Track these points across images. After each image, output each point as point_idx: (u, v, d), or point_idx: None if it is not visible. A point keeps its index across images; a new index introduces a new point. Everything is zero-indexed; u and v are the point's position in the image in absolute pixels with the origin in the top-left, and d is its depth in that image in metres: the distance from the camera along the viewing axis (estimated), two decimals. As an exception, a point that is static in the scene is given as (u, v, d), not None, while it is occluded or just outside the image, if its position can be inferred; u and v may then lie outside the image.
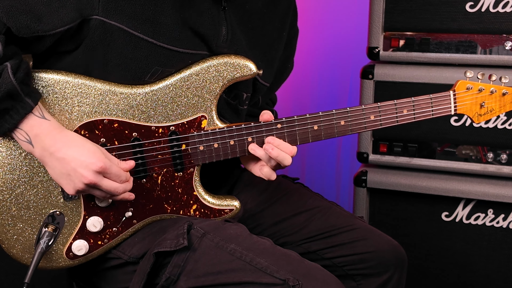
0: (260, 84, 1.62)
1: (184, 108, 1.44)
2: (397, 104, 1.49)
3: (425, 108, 1.50)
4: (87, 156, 1.32)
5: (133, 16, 1.36)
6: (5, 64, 1.28)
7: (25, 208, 1.41)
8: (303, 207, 1.66)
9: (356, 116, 1.47)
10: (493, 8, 2.00)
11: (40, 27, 1.31)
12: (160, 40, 1.39)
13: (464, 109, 1.54)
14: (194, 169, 1.47)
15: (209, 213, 1.50)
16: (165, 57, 1.40)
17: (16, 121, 1.31)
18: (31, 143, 1.33)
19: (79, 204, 1.43)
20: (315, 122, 1.46)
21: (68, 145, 1.33)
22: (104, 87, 1.40)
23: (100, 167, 1.32)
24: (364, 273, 1.59)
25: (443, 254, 2.18)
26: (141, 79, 1.41)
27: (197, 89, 1.44)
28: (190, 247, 1.36)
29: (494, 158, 2.09)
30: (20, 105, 1.30)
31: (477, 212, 2.12)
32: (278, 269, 1.31)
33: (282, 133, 1.46)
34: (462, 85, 1.52)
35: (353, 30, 2.77)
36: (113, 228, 1.46)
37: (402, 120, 1.50)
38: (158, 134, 1.44)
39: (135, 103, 1.42)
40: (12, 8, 1.28)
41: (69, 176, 1.32)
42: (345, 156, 2.98)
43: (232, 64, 1.45)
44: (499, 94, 1.54)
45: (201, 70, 1.44)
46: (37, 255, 1.38)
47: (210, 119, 1.46)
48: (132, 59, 1.38)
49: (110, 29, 1.35)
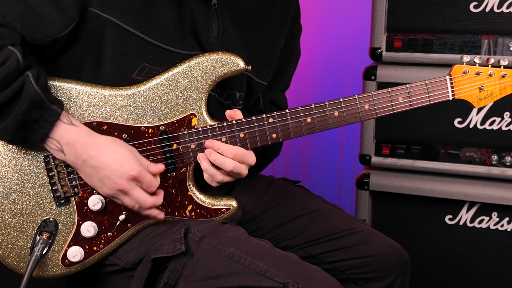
0: (256, 82, 1.60)
1: (173, 107, 1.44)
2: (391, 91, 1.47)
3: (421, 94, 1.48)
4: (120, 163, 1.33)
5: (126, 11, 1.36)
6: (26, 74, 1.28)
7: (18, 215, 1.41)
8: (305, 210, 1.66)
9: (350, 106, 1.46)
10: (498, 8, 1.99)
11: (51, 31, 1.31)
12: (151, 37, 1.39)
13: (462, 94, 1.51)
14: (187, 169, 1.46)
15: (205, 213, 1.48)
16: (154, 54, 1.40)
17: (47, 130, 1.32)
18: (63, 151, 1.34)
19: (72, 209, 1.43)
20: (308, 115, 1.45)
21: (101, 152, 1.34)
22: (92, 90, 1.40)
23: (133, 176, 1.34)
24: (367, 277, 1.58)
25: (446, 257, 2.17)
26: (128, 75, 1.40)
27: (185, 87, 1.44)
28: (188, 251, 1.35)
29: (499, 161, 2.08)
30: (48, 113, 1.31)
31: (481, 215, 2.11)
32: (278, 272, 1.30)
33: (275, 127, 1.45)
34: (459, 69, 1.50)
35: (355, 30, 2.77)
36: (108, 233, 1.45)
37: (398, 108, 1.48)
38: (148, 134, 1.43)
39: (123, 104, 1.41)
40: (24, 15, 1.28)
41: (102, 182, 1.35)
42: (347, 158, 2.98)
43: (219, 60, 1.44)
44: (498, 76, 1.51)
45: (188, 68, 1.44)
46: (31, 263, 1.37)
47: (200, 117, 1.45)
48: (122, 53, 1.38)
49: (104, 22, 1.35)
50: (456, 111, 2.07)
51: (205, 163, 1.42)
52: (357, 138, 2.25)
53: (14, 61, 1.26)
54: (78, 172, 1.37)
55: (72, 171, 1.40)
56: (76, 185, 1.41)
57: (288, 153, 3.04)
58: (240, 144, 1.44)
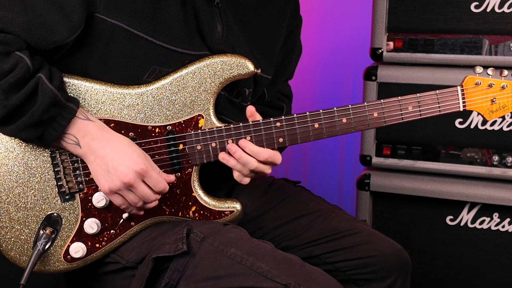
0: (260, 77, 1.60)
1: (181, 107, 1.44)
2: (401, 100, 1.46)
3: (432, 104, 1.46)
4: (130, 156, 1.34)
5: (133, 14, 1.36)
6: (38, 76, 1.30)
7: (22, 209, 1.41)
8: (305, 211, 1.66)
9: (359, 113, 1.45)
10: (499, 8, 1.99)
11: (56, 38, 1.32)
12: (159, 39, 1.39)
13: (473, 106, 1.49)
14: (193, 170, 1.46)
15: (209, 215, 1.48)
16: (163, 56, 1.40)
17: (64, 127, 1.33)
18: (79, 144, 1.35)
19: (76, 205, 1.43)
20: (315, 120, 1.44)
21: (114, 145, 1.35)
22: (100, 87, 1.40)
23: (141, 169, 1.33)
24: (368, 277, 1.58)
25: (447, 258, 2.17)
26: (139, 78, 1.41)
27: (194, 88, 1.44)
28: (190, 251, 1.35)
29: (500, 161, 2.07)
30: (65, 111, 1.32)
31: (482, 216, 2.11)
32: (279, 273, 1.30)
33: (282, 132, 1.44)
34: (471, 80, 1.49)
35: (356, 30, 2.77)
36: (110, 231, 1.45)
37: (407, 118, 1.46)
38: (154, 134, 1.43)
39: (131, 103, 1.42)
40: (29, 24, 1.28)
41: (108, 173, 1.34)
42: (348, 159, 2.98)
43: (229, 63, 1.44)
44: (510, 89, 1.50)
45: (197, 69, 1.44)
46: (34, 256, 1.37)
47: (208, 118, 1.45)
48: (131, 58, 1.38)
49: (110, 27, 1.35)
50: (457, 112, 2.06)
51: (232, 160, 1.43)
52: (358, 138, 2.26)
53: (23, 66, 1.27)
54: (87, 164, 1.37)
55: (78, 167, 1.41)
56: (81, 181, 1.42)
57: (288, 154, 3.03)
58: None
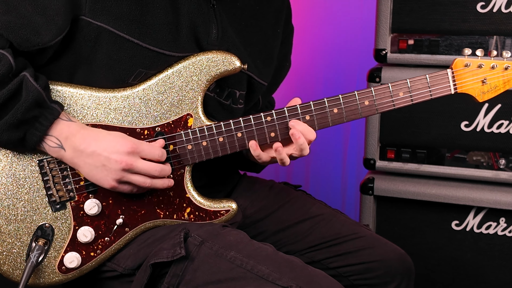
0: (257, 82, 1.61)
1: (169, 107, 1.43)
2: (392, 86, 1.47)
3: (423, 89, 1.48)
4: (116, 141, 1.34)
5: (120, 17, 1.36)
6: (23, 74, 1.30)
7: (13, 222, 1.39)
8: (307, 215, 1.66)
9: (349, 102, 1.46)
10: (505, 9, 1.99)
11: (39, 40, 1.31)
12: (145, 42, 1.39)
13: (465, 88, 1.50)
14: (185, 170, 1.45)
15: (204, 215, 1.47)
16: (150, 59, 1.40)
17: (46, 127, 1.32)
18: (62, 146, 1.34)
19: (68, 214, 1.42)
20: (306, 112, 1.45)
21: (96, 139, 1.34)
22: (86, 92, 1.40)
23: (130, 147, 1.33)
24: (370, 283, 1.57)
25: (453, 264, 2.16)
26: (125, 81, 1.41)
27: (181, 87, 1.43)
28: (188, 256, 1.35)
29: (507, 165, 2.07)
30: (48, 111, 1.32)
31: (489, 221, 2.10)
32: (281, 276, 1.29)
33: (273, 126, 1.45)
34: (460, 62, 1.49)
35: (360, 31, 2.78)
36: (105, 238, 1.43)
37: (399, 104, 1.48)
38: (144, 136, 1.42)
39: (118, 106, 1.41)
40: (11, 23, 1.28)
41: (104, 167, 1.33)
42: (351, 163, 2.99)
43: (214, 60, 1.44)
44: (501, 68, 1.50)
45: (183, 68, 1.44)
46: (27, 270, 1.35)
47: (197, 117, 1.44)
48: (117, 60, 1.38)
49: (96, 30, 1.36)
50: (463, 114, 2.07)
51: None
52: (361, 141, 2.26)
53: (5, 63, 1.27)
54: (78, 168, 1.36)
55: (67, 175, 1.39)
56: (72, 189, 1.40)
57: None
58: (238, 144, 1.44)
